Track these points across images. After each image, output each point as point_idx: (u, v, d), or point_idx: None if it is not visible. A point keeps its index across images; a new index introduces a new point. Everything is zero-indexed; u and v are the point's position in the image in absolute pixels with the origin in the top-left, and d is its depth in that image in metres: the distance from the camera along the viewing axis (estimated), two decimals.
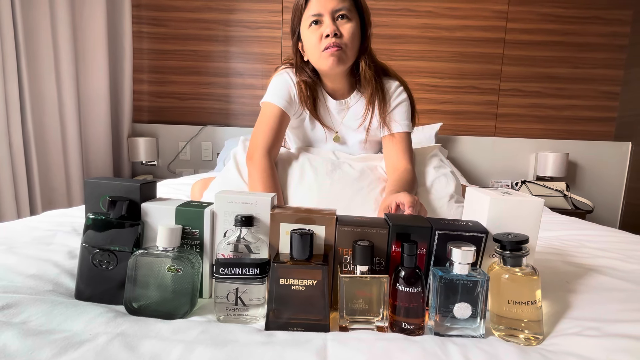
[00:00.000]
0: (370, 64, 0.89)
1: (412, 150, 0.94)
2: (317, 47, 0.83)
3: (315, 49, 0.84)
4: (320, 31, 0.83)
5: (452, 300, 0.45)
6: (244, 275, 0.47)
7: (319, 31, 0.83)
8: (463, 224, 0.50)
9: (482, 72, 2.18)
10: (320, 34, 0.82)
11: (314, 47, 0.84)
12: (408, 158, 0.90)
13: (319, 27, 0.83)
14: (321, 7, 0.82)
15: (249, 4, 2.12)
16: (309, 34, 0.84)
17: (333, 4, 0.81)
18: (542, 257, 0.68)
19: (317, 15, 0.82)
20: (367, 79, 0.89)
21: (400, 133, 0.91)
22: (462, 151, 2.20)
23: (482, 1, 2.13)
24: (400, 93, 0.94)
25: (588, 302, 0.49)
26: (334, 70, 0.86)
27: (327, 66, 0.84)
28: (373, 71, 0.90)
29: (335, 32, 0.81)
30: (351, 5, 0.84)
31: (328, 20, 0.82)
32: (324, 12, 0.82)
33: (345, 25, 0.83)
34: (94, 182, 0.52)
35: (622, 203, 2.21)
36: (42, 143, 1.67)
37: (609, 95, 2.21)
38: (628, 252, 0.72)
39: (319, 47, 0.83)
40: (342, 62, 0.84)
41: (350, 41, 0.83)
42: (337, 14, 0.82)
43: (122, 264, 0.50)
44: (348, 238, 0.49)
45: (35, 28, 1.60)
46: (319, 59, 0.85)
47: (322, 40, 0.82)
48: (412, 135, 0.96)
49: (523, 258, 0.45)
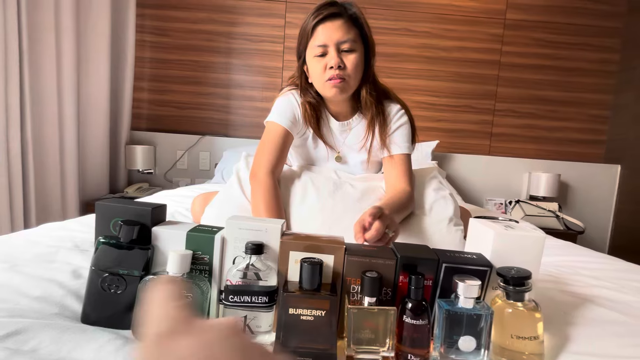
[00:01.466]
0: (372, 92, 0.91)
1: (412, 172, 0.96)
2: (322, 76, 0.86)
3: (320, 78, 0.87)
4: (324, 61, 0.85)
5: (456, 332, 0.46)
6: (253, 303, 0.48)
7: (324, 61, 0.85)
8: (468, 256, 0.51)
9: (478, 92, 2.24)
10: (324, 64, 0.85)
11: (318, 76, 0.87)
12: (407, 180, 0.91)
13: (323, 57, 0.85)
14: (327, 38, 0.84)
15: (252, 17, 2.15)
16: (314, 63, 0.87)
17: (338, 35, 0.84)
18: (539, 284, 0.70)
19: (322, 47, 0.85)
20: (367, 105, 0.92)
21: (399, 155, 0.93)
22: (457, 169, 2.24)
23: (478, 24, 2.20)
24: (401, 116, 0.96)
25: (586, 335, 0.51)
26: (337, 99, 0.90)
27: (330, 95, 0.88)
28: (375, 97, 0.92)
29: (339, 64, 0.83)
30: (356, 36, 0.86)
31: (333, 52, 0.84)
32: (329, 44, 0.84)
33: (349, 57, 0.85)
34: (105, 205, 0.53)
35: (612, 224, 2.27)
36: (39, 149, 1.65)
37: (599, 119, 2.28)
38: (622, 281, 0.74)
39: (323, 77, 0.86)
40: (344, 92, 0.87)
41: (354, 72, 0.86)
42: (341, 46, 0.84)
43: (130, 288, 0.50)
44: (356, 268, 0.50)
45: (40, 34, 1.60)
46: (322, 88, 0.88)
47: (327, 71, 0.85)
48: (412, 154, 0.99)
49: (525, 293, 0.46)
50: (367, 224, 0.63)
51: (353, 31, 0.85)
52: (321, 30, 0.85)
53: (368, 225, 0.63)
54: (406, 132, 0.96)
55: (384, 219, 0.64)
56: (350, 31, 0.85)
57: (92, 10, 1.85)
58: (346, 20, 0.85)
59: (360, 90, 0.91)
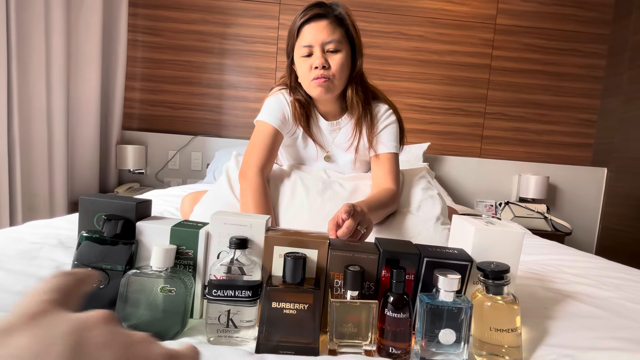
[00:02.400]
0: (359, 91, 0.92)
1: (399, 171, 0.96)
2: (307, 76, 0.87)
3: (306, 78, 0.88)
4: (310, 61, 0.86)
5: (437, 326, 0.47)
6: (237, 297, 0.48)
7: (309, 61, 0.86)
8: (450, 251, 0.52)
9: (469, 96, 2.27)
10: (310, 64, 0.86)
11: (305, 76, 0.88)
12: (392, 178, 0.91)
13: (309, 57, 0.86)
14: (312, 38, 0.85)
15: (246, 19, 2.16)
16: (301, 63, 0.88)
17: (323, 36, 0.85)
18: (522, 282, 0.71)
19: (308, 47, 0.86)
20: (354, 105, 0.92)
21: (386, 154, 0.94)
22: (449, 171, 2.27)
23: (470, 29, 2.23)
24: (388, 116, 0.97)
25: (564, 329, 0.52)
26: (322, 98, 0.91)
27: (316, 95, 0.89)
28: (362, 96, 0.93)
29: (323, 64, 0.84)
30: (342, 37, 0.87)
31: (318, 52, 0.85)
32: (315, 44, 0.85)
33: (334, 57, 0.86)
34: (89, 199, 0.53)
35: (599, 226, 2.31)
36: (27, 148, 1.63)
37: (587, 123, 2.33)
38: (603, 278, 0.76)
39: (309, 77, 0.87)
40: (329, 91, 0.88)
41: (339, 72, 0.86)
42: (326, 46, 0.85)
43: (113, 282, 0.50)
44: (339, 262, 0.51)
45: (29, 31, 1.59)
46: (308, 87, 0.89)
47: (312, 71, 0.86)
48: (401, 154, 0.99)
49: (504, 287, 0.47)
50: (340, 221, 0.64)
51: (338, 31, 0.86)
52: (307, 31, 0.86)
53: (341, 222, 0.64)
54: (393, 131, 0.96)
55: (356, 215, 0.64)
56: (336, 31, 0.86)
57: (83, 9, 1.84)
58: (332, 21, 0.86)
59: (347, 90, 0.92)
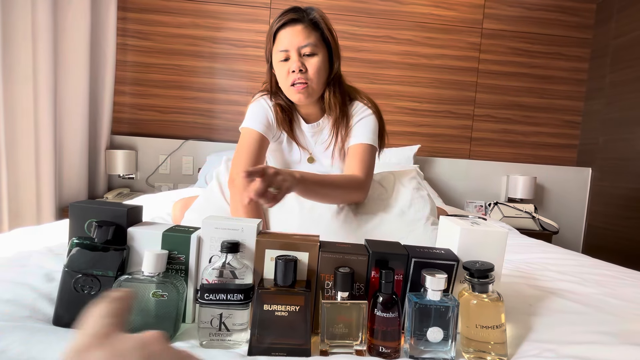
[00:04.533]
0: (336, 93, 0.93)
1: (372, 164, 0.91)
2: (286, 80, 0.88)
3: (284, 82, 0.89)
4: (287, 65, 0.87)
5: (426, 324, 0.48)
6: (229, 301, 0.49)
7: (287, 66, 0.87)
8: (437, 252, 0.53)
9: (458, 98, 2.31)
10: (287, 69, 0.87)
11: (283, 80, 0.89)
12: (361, 168, 0.87)
13: (287, 62, 0.87)
14: (288, 43, 0.86)
15: (236, 23, 2.17)
16: (278, 67, 0.89)
17: (298, 40, 0.86)
18: (509, 280, 0.73)
19: (284, 51, 0.87)
20: (331, 107, 0.93)
21: (358, 145, 0.91)
22: (439, 172, 2.30)
23: (457, 33, 2.28)
24: (364, 110, 0.95)
25: (547, 325, 0.53)
26: (302, 103, 0.92)
27: (296, 100, 0.90)
28: (339, 99, 0.93)
29: (300, 67, 0.85)
30: (317, 40, 0.88)
31: (295, 56, 0.86)
32: (290, 48, 0.86)
33: (310, 61, 0.87)
34: (80, 205, 0.53)
35: (585, 225, 2.36)
36: (13, 153, 1.61)
37: (571, 124, 2.39)
38: (585, 275, 0.78)
39: (287, 82, 0.88)
40: (309, 96, 0.89)
41: (316, 76, 0.87)
42: (302, 50, 0.87)
43: (104, 289, 0.50)
44: (330, 264, 0.52)
45: (14, 34, 1.57)
46: (287, 92, 0.91)
47: (289, 75, 0.87)
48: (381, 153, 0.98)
49: (489, 285, 0.49)
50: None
51: (314, 35, 0.87)
52: (283, 36, 0.87)
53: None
54: (368, 124, 0.94)
55: (267, 178, 0.60)
56: (311, 35, 0.87)
57: (70, 12, 1.82)
58: (307, 25, 0.87)
59: (324, 92, 0.93)
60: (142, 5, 2.11)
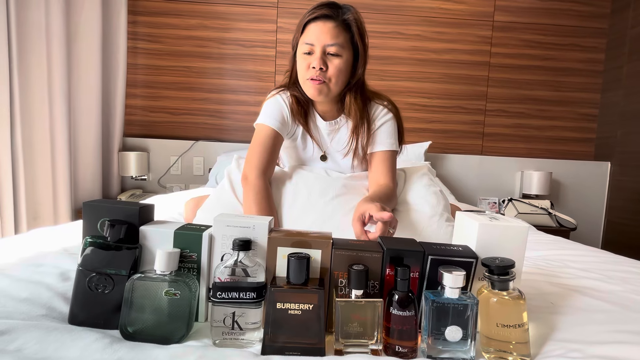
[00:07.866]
0: (357, 99, 0.91)
1: (395, 168, 0.95)
2: (304, 74, 0.87)
3: (302, 75, 0.88)
4: (309, 60, 0.86)
5: (443, 323, 0.46)
6: (241, 299, 0.48)
7: (309, 60, 0.86)
8: (454, 248, 0.52)
9: (469, 93, 2.27)
10: (308, 63, 0.86)
11: (302, 72, 0.88)
12: (390, 176, 0.90)
13: (310, 56, 0.86)
14: (315, 38, 0.85)
15: (244, 23, 2.17)
16: (301, 59, 0.88)
17: (326, 38, 0.84)
18: (528, 277, 0.71)
19: (309, 45, 0.86)
20: (351, 112, 0.92)
21: (383, 152, 0.92)
22: (451, 169, 2.26)
23: (467, 26, 2.23)
24: (385, 114, 0.95)
25: (571, 323, 0.51)
26: (316, 99, 0.90)
27: (309, 94, 0.89)
28: (360, 105, 0.92)
29: (321, 66, 0.84)
30: (345, 42, 0.86)
31: (318, 53, 0.85)
32: (316, 44, 0.85)
33: (334, 61, 0.85)
34: (93, 205, 0.53)
35: (604, 221, 2.29)
36: (29, 157, 1.65)
37: (588, 117, 2.32)
38: (608, 272, 0.75)
39: (306, 75, 0.87)
40: (323, 94, 0.87)
41: (335, 76, 0.86)
42: (328, 49, 0.85)
43: (118, 287, 0.50)
44: (343, 262, 0.51)
45: (29, 40, 1.60)
46: (303, 85, 0.89)
47: (309, 69, 0.86)
48: (401, 153, 0.98)
49: (510, 282, 0.47)
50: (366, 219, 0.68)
51: (343, 36, 0.86)
52: (312, 29, 0.86)
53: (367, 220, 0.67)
54: (390, 129, 0.94)
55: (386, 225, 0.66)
56: (340, 36, 0.85)
57: (82, 17, 1.86)
58: (338, 24, 0.85)
59: (345, 96, 0.92)
60: (151, 9, 2.14)
